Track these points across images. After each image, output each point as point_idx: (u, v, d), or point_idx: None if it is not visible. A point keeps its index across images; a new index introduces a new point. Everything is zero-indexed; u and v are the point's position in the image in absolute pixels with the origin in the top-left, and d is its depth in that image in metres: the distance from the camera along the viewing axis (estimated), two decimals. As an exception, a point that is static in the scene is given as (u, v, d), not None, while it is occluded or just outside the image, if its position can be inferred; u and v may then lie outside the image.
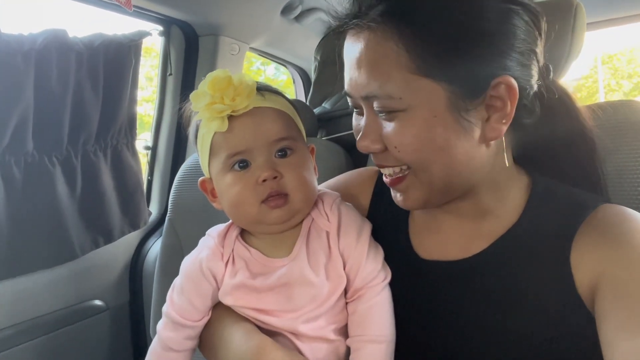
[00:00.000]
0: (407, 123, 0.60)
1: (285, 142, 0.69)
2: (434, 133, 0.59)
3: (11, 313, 1.33)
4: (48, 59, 1.26)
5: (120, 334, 1.66)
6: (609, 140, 0.83)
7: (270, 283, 0.68)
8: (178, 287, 0.72)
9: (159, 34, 1.69)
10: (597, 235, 0.61)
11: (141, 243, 1.75)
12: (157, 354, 0.71)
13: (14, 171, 1.27)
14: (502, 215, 0.69)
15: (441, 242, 0.72)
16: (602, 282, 0.57)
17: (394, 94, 0.59)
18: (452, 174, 0.63)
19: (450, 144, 0.60)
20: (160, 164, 1.83)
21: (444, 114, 0.59)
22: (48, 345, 1.41)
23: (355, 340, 0.67)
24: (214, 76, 0.66)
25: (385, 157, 0.65)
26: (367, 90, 0.61)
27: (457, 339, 0.65)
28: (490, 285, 0.65)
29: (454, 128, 0.60)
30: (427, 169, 0.62)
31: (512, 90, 0.59)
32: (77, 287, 1.51)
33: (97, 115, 1.43)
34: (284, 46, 2.19)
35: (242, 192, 0.67)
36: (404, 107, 0.59)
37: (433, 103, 0.59)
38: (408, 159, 0.62)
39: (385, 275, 0.70)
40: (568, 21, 0.95)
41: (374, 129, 0.63)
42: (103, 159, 1.49)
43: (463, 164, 0.62)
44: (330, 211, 0.72)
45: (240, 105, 0.65)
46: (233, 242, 0.72)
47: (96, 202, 1.48)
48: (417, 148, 0.60)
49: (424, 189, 0.65)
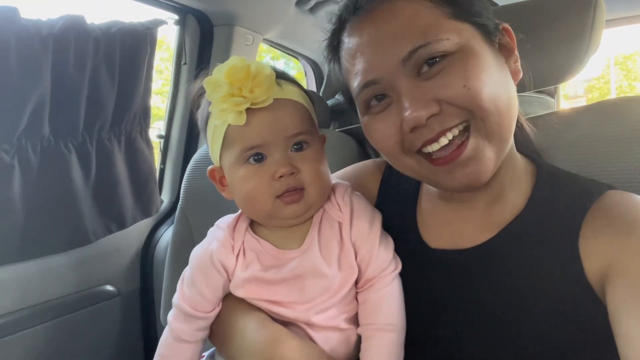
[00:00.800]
0: (466, 61, 0.59)
1: (301, 136, 0.67)
2: (489, 65, 0.61)
3: (24, 295, 1.35)
4: (66, 45, 1.27)
5: (130, 319, 1.68)
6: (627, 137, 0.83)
7: (283, 275, 0.67)
8: (188, 278, 0.71)
9: (174, 23, 1.70)
10: (605, 223, 0.61)
11: (153, 231, 1.77)
12: (169, 345, 0.71)
13: (30, 155, 1.28)
14: (511, 201, 0.69)
15: (450, 231, 0.73)
16: (613, 272, 0.57)
17: (442, 36, 0.59)
18: (510, 113, 0.63)
19: (502, 76, 0.63)
20: (172, 153, 1.85)
21: (486, 49, 0.62)
22: (59, 328, 1.43)
23: (366, 328, 0.67)
24: (231, 65, 0.63)
25: (443, 118, 0.60)
26: (410, 46, 0.59)
27: (467, 326, 0.65)
28: (499, 272, 0.65)
29: (498, 61, 0.63)
30: (495, 109, 0.59)
31: (510, 33, 0.67)
32: (89, 272, 1.52)
33: (112, 102, 1.44)
34: (297, 38, 2.18)
35: (258, 187, 0.65)
36: (454, 48, 0.59)
37: (475, 40, 0.61)
38: (479, 98, 0.58)
39: (396, 265, 0.70)
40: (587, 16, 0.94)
41: (421, 92, 0.60)
42: (117, 146, 1.51)
43: (512, 104, 0.64)
44: (343, 201, 0.71)
45: (260, 98, 0.63)
46: (243, 233, 0.71)
47: (110, 189, 1.49)
48: (485, 80, 0.59)
49: (492, 143, 0.61)
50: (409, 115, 0.59)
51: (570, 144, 0.88)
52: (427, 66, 0.60)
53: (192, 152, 1.73)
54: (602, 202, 0.63)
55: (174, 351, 0.71)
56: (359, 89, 0.65)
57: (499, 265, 0.66)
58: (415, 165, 0.65)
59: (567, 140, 0.88)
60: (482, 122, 0.59)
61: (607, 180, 0.72)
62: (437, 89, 0.59)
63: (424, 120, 0.59)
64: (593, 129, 0.87)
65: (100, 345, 1.57)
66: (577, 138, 0.88)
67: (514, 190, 0.69)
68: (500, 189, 0.69)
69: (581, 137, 0.87)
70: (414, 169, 0.66)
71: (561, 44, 0.93)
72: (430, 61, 0.59)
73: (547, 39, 0.93)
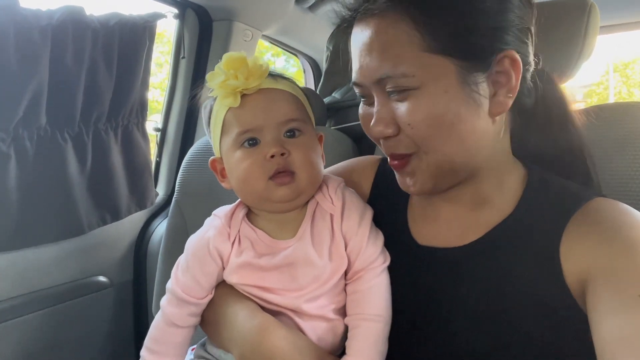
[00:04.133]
0: (421, 100, 0.61)
1: (294, 123, 0.71)
2: (447, 108, 0.61)
3: (18, 284, 1.36)
4: (64, 35, 1.28)
5: (122, 310, 1.69)
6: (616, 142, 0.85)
7: (275, 262, 0.69)
8: (183, 264, 0.73)
9: (173, 17, 1.70)
10: (588, 227, 0.62)
11: (147, 223, 1.78)
12: (161, 329, 0.73)
13: (26, 144, 1.29)
14: (499, 205, 0.70)
15: (439, 229, 0.74)
16: (593, 276, 0.58)
17: (408, 72, 0.60)
18: (461, 151, 0.64)
19: (461, 118, 0.62)
20: (169, 146, 1.85)
21: (455, 88, 0.61)
22: (52, 317, 1.44)
23: (353, 318, 0.69)
24: (229, 56, 0.69)
25: (397, 141, 0.66)
26: (380, 72, 0.62)
27: (451, 322, 0.67)
28: (484, 272, 0.67)
29: (465, 102, 0.62)
30: (438, 148, 0.63)
31: (515, 63, 0.63)
32: (82, 262, 1.53)
33: (109, 94, 1.45)
34: (296, 35, 2.19)
35: (250, 167, 0.69)
36: (417, 84, 0.61)
37: (445, 78, 0.61)
38: (421, 136, 0.63)
39: (385, 259, 0.72)
40: (581, 21, 0.95)
41: (386, 113, 0.65)
42: (114, 138, 1.51)
43: (471, 140, 0.64)
44: (335, 195, 0.73)
45: (253, 83, 0.68)
46: (239, 222, 0.73)
47: (105, 180, 1.50)
48: (430, 124, 0.61)
49: (430, 171, 0.66)
50: (372, 127, 0.67)
51: None
52: (395, 93, 0.63)
53: (189, 145, 1.74)
54: (588, 207, 0.64)
55: (165, 335, 0.73)
56: (353, 83, 0.70)
57: (484, 265, 0.67)
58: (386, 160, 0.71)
59: None
60: (425, 156, 0.65)
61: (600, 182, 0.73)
62: (399, 114, 0.63)
63: (383, 136, 0.66)
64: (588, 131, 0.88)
65: (91, 335, 1.58)
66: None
67: (503, 194, 0.71)
68: (484, 194, 0.71)
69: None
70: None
71: (554, 48, 0.94)
72: (391, 90, 0.63)
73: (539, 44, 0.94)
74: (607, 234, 0.60)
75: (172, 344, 0.73)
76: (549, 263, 0.62)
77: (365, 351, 0.66)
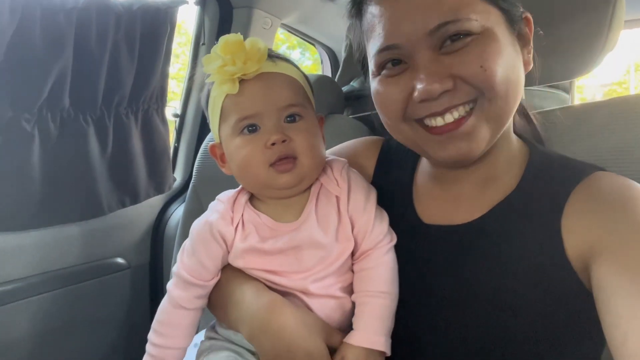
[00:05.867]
0: (488, 43, 0.61)
1: (294, 108, 0.70)
2: (507, 51, 0.62)
3: (38, 262, 1.39)
4: (88, 19, 1.30)
5: (139, 292, 1.72)
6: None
7: (280, 246, 0.69)
8: (188, 248, 0.73)
9: (195, 3, 1.72)
10: (589, 202, 0.62)
11: (164, 207, 1.80)
12: (167, 312, 0.73)
13: (50, 125, 1.32)
14: (503, 182, 0.71)
15: (443, 208, 0.75)
16: (597, 251, 0.58)
17: (472, 15, 0.60)
18: (515, 103, 0.65)
19: (516, 63, 0.64)
20: (187, 132, 1.87)
21: (506, 35, 0.64)
22: (70, 296, 1.47)
23: (360, 295, 0.70)
24: (226, 39, 0.67)
25: (452, 95, 0.62)
26: (440, 18, 0.60)
27: (457, 298, 0.68)
28: (488, 248, 0.67)
29: (515, 49, 0.65)
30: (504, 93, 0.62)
31: (530, 23, 0.68)
32: (101, 243, 1.56)
33: (131, 78, 1.47)
34: (315, 24, 2.19)
35: (251, 154, 0.68)
36: (479, 29, 0.61)
37: (498, 26, 0.63)
38: (492, 78, 0.60)
39: (391, 238, 0.73)
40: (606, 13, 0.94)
41: (438, 67, 0.61)
42: (134, 122, 1.53)
43: (519, 92, 0.65)
44: (340, 176, 0.74)
45: (251, 68, 0.66)
46: (242, 207, 0.73)
47: (125, 163, 1.52)
48: (502, 64, 0.61)
49: (491, 123, 0.63)
50: (422, 88, 0.61)
51: (583, 138, 0.89)
52: (450, 41, 0.61)
53: (206, 132, 1.75)
54: (588, 181, 0.65)
55: (172, 317, 0.73)
56: (378, 50, 0.65)
57: (487, 241, 0.68)
58: (409, 131, 0.67)
59: (579, 134, 0.89)
60: (489, 103, 0.62)
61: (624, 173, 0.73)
62: (455, 65, 0.61)
63: (437, 95, 0.61)
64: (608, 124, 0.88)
65: (107, 315, 1.61)
66: (590, 132, 0.88)
67: (507, 172, 0.71)
68: (494, 171, 0.71)
69: (594, 132, 0.88)
70: (408, 135, 0.68)
71: (577, 39, 0.93)
72: (454, 37, 0.61)
73: (563, 33, 0.93)
74: (611, 209, 0.59)
75: (179, 326, 0.73)
76: (551, 237, 0.63)
77: (372, 326, 0.67)
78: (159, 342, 0.72)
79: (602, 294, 0.56)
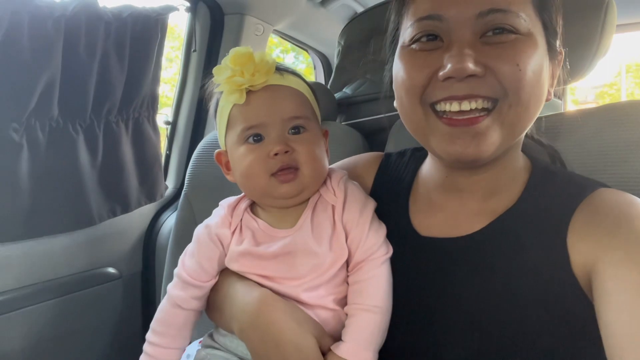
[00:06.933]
0: (529, 46, 0.61)
1: (299, 120, 0.72)
2: (542, 64, 0.62)
3: (28, 273, 1.37)
4: (77, 27, 1.28)
5: (131, 302, 1.70)
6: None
7: (274, 251, 0.71)
8: (190, 251, 0.76)
9: (185, 10, 1.71)
10: (594, 218, 0.62)
11: (156, 215, 1.79)
12: (165, 311, 0.76)
13: (38, 135, 1.29)
14: (505, 195, 0.70)
15: (441, 221, 0.74)
16: (600, 266, 0.58)
17: (523, 14, 0.61)
18: (535, 113, 0.65)
19: (545, 80, 0.65)
20: (179, 139, 1.86)
21: (544, 52, 0.64)
22: (61, 307, 1.45)
23: (351, 308, 0.70)
24: (236, 51, 0.70)
25: (479, 84, 0.60)
26: (495, 4, 0.60)
27: (455, 314, 0.66)
28: (487, 262, 0.67)
29: (547, 68, 0.65)
30: (527, 100, 0.61)
31: (561, 58, 0.69)
32: (92, 253, 1.54)
33: (121, 86, 1.45)
34: (307, 30, 2.19)
35: (254, 163, 0.70)
36: (526, 30, 0.61)
37: (541, 37, 0.63)
38: (522, 80, 0.60)
39: (387, 250, 0.73)
40: (598, 18, 0.94)
41: (474, 52, 0.60)
42: (124, 130, 1.52)
43: (539, 106, 0.65)
44: (338, 187, 0.75)
45: (259, 80, 0.69)
46: (242, 213, 0.76)
47: (115, 172, 1.50)
48: (535, 70, 0.61)
49: (505, 130, 0.62)
50: (453, 64, 0.59)
51: (576, 145, 0.88)
52: (492, 33, 0.61)
53: (199, 139, 1.74)
54: (593, 198, 0.64)
55: (168, 315, 0.75)
56: (420, 17, 0.64)
57: (488, 255, 0.67)
58: (422, 116, 0.65)
59: (573, 141, 0.89)
60: (508, 109, 0.61)
61: (612, 182, 0.73)
62: (491, 56, 0.60)
63: (464, 74, 0.59)
64: (600, 131, 0.87)
65: (100, 326, 1.59)
66: (583, 139, 0.88)
67: (510, 185, 0.71)
68: (498, 182, 0.71)
69: (588, 139, 0.88)
70: (419, 120, 0.66)
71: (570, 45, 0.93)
72: (497, 30, 0.61)
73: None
74: (616, 226, 0.59)
75: (174, 325, 0.75)
76: (557, 253, 0.62)
77: (360, 340, 0.67)
78: (155, 341, 0.75)
79: (602, 310, 0.55)
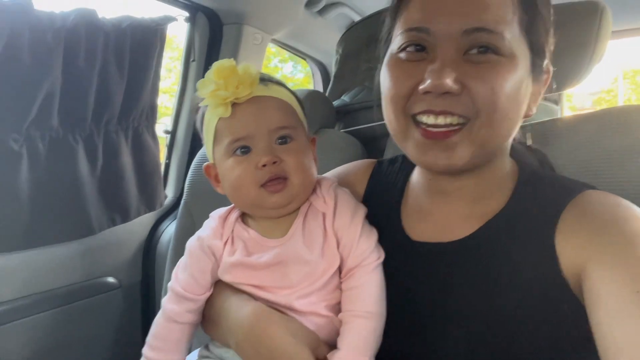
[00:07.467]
0: (508, 69, 0.61)
1: (285, 130, 0.72)
2: (520, 87, 0.63)
3: (28, 283, 1.37)
4: (77, 38, 1.29)
5: (131, 312, 1.69)
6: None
7: (266, 261, 0.71)
8: (183, 264, 0.76)
9: (184, 20, 1.72)
10: (581, 220, 0.62)
11: (156, 224, 1.79)
12: (160, 325, 0.75)
13: (38, 145, 1.30)
14: (493, 200, 0.71)
15: (433, 225, 0.75)
16: (589, 268, 0.58)
17: (506, 35, 0.61)
18: (510, 133, 0.66)
19: (522, 102, 0.65)
20: (178, 148, 1.86)
21: (527, 73, 0.64)
22: (61, 317, 1.45)
23: (345, 314, 0.70)
24: (219, 64, 0.70)
25: (456, 100, 0.61)
26: (479, 22, 0.60)
27: (447, 317, 0.67)
28: (479, 265, 0.67)
29: (526, 90, 0.65)
30: (499, 122, 0.62)
31: (549, 75, 0.69)
32: (91, 263, 1.54)
33: (120, 96, 1.46)
34: (305, 39, 2.20)
35: (242, 175, 0.70)
36: (508, 52, 0.61)
37: (524, 59, 0.63)
38: (495, 103, 0.61)
39: (379, 256, 0.72)
40: (593, 24, 0.95)
41: (456, 69, 0.61)
42: (124, 140, 1.52)
43: (512, 128, 0.66)
44: (328, 194, 0.75)
45: (243, 93, 0.69)
46: (233, 223, 0.76)
47: (115, 181, 1.51)
48: (509, 95, 0.61)
49: (475, 147, 0.64)
50: (432, 80, 0.60)
51: (572, 150, 0.89)
52: (477, 51, 0.61)
53: (198, 148, 1.74)
54: (579, 199, 0.65)
55: (164, 330, 0.75)
56: (408, 28, 0.65)
57: (477, 259, 0.67)
58: (403, 123, 0.67)
59: (569, 146, 0.89)
60: (478, 129, 0.62)
61: (608, 187, 0.73)
62: (470, 75, 0.61)
63: (441, 91, 0.60)
64: (596, 136, 0.88)
65: (100, 335, 1.59)
66: (579, 144, 0.89)
67: (497, 189, 0.72)
68: (485, 187, 0.72)
69: (584, 144, 0.88)
70: (400, 127, 0.68)
71: (565, 51, 0.94)
72: (482, 49, 0.61)
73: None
74: (603, 227, 0.60)
75: (170, 339, 0.74)
76: (546, 255, 0.62)
77: (355, 347, 0.66)
78: (152, 356, 0.74)
79: (592, 308, 0.56)
